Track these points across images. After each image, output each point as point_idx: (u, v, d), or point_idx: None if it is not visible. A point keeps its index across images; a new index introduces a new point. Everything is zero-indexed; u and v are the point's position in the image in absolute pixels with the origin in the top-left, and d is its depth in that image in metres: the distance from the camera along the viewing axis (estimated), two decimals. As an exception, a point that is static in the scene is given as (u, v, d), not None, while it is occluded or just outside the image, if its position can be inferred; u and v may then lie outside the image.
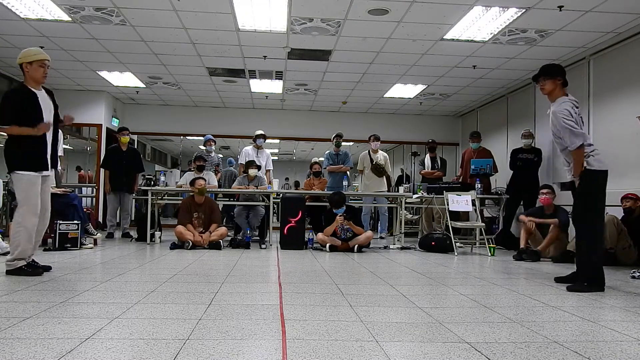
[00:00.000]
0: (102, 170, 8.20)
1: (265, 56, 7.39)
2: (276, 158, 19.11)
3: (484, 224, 6.94)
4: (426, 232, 7.54)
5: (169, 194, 7.48)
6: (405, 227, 7.30)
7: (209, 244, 6.17)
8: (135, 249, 6.08)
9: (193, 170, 7.58)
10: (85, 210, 6.44)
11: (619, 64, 6.28)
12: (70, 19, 6.03)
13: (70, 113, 7.07)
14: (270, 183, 7.38)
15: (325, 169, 8.21)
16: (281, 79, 8.68)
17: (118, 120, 10.49)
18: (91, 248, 5.91)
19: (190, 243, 6.05)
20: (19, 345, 1.96)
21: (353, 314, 2.65)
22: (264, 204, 7.02)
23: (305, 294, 3.23)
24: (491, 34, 6.22)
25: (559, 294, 3.47)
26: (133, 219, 9.08)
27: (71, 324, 2.29)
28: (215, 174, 8.12)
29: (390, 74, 8.24)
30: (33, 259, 3.91)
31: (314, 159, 8.45)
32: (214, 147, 8.59)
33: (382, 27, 6.12)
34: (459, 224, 6.67)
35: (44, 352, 1.87)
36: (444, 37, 6.41)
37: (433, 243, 6.52)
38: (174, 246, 6.11)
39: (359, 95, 9.78)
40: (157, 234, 6.92)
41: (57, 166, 6.50)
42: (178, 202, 7.68)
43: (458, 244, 6.45)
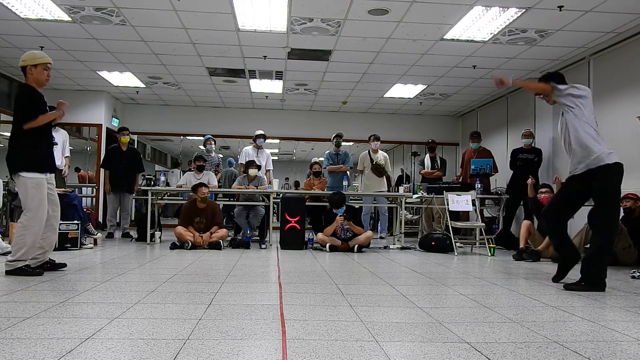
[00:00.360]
0: (102, 170, 8.21)
1: (265, 56, 7.40)
2: (276, 158, 19.10)
3: (484, 224, 6.94)
4: (426, 232, 7.54)
5: (169, 194, 7.48)
6: (405, 227, 7.30)
7: (208, 244, 6.18)
8: (135, 249, 6.08)
9: (193, 171, 7.58)
10: (85, 210, 6.44)
11: (619, 64, 6.28)
12: (70, 19, 6.03)
13: (71, 113, 7.05)
14: (270, 183, 7.38)
15: (325, 169, 8.21)
16: (281, 79, 8.68)
17: (118, 120, 10.49)
18: (91, 248, 5.91)
19: (190, 243, 6.05)
20: (19, 345, 1.96)
21: (353, 314, 2.65)
22: (264, 204, 7.01)
23: (305, 294, 3.23)
24: (491, 34, 6.22)
25: (559, 294, 3.47)
26: (133, 219, 9.09)
27: (71, 324, 2.29)
28: (216, 174, 8.11)
29: (390, 74, 8.25)
30: (50, 258, 4.00)
31: (314, 159, 8.44)
32: (214, 147, 8.59)
33: (382, 27, 6.13)
34: (459, 224, 6.67)
35: (44, 352, 1.87)
36: (444, 37, 6.41)
37: (433, 243, 6.52)
38: (174, 246, 6.10)
39: (359, 95, 9.78)
40: (157, 234, 6.92)
41: (64, 168, 6.54)
42: (178, 202, 7.68)
43: (458, 244, 6.45)
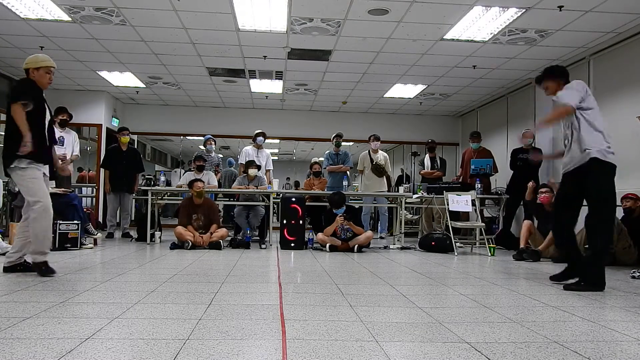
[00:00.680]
0: (102, 170, 8.21)
1: (265, 56, 7.40)
2: (276, 158, 19.10)
3: (484, 224, 6.94)
4: (426, 232, 7.54)
5: (169, 194, 7.48)
6: (405, 227, 7.30)
7: (209, 244, 6.18)
8: (135, 249, 6.08)
9: (193, 171, 7.58)
10: (85, 210, 6.44)
11: (619, 64, 6.28)
12: (70, 19, 6.03)
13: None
14: (270, 183, 7.37)
15: (325, 169, 8.21)
16: (281, 79, 8.68)
17: (118, 120, 10.49)
18: (91, 248, 5.91)
19: (190, 243, 6.05)
20: (19, 345, 1.96)
21: (353, 314, 2.65)
22: (264, 204, 7.01)
23: (305, 294, 3.23)
24: (491, 34, 6.22)
25: (559, 294, 3.47)
26: (133, 219, 9.08)
27: (71, 324, 2.29)
28: (215, 174, 8.11)
29: (390, 74, 8.24)
30: (25, 260, 3.91)
31: (314, 159, 8.44)
32: (214, 147, 8.58)
33: (382, 27, 6.12)
34: (459, 224, 6.67)
35: (44, 352, 1.87)
36: (444, 37, 6.41)
37: (433, 243, 6.52)
38: (174, 246, 6.10)
39: (359, 95, 9.78)
40: (157, 234, 6.92)
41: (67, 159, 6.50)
42: (178, 203, 7.67)
43: (458, 244, 6.45)
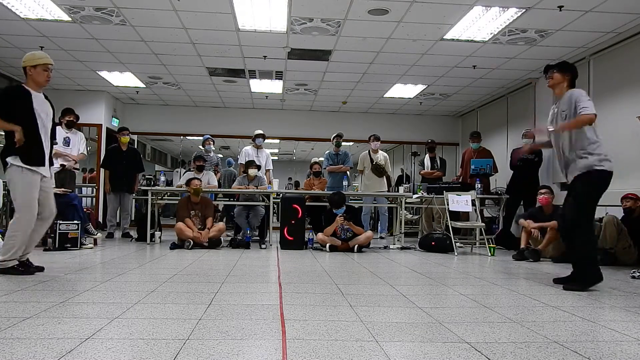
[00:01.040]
0: (102, 170, 8.20)
1: (265, 56, 7.39)
2: (276, 158, 19.10)
3: (484, 224, 6.94)
4: (426, 232, 7.54)
5: (169, 194, 7.48)
6: (405, 227, 7.30)
7: (208, 240, 6.19)
8: (135, 249, 6.08)
9: (193, 171, 7.58)
10: (85, 210, 6.44)
11: (619, 64, 6.28)
12: (70, 19, 6.03)
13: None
14: (270, 183, 7.37)
15: (325, 169, 8.21)
16: (281, 79, 8.68)
17: (118, 120, 10.49)
18: (91, 248, 5.91)
19: (192, 242, 6.06)
20: (19, 345, 1.96)
21: (353, 314, 2.65)
22: (264, 204, 7.01)
23: (305, 294, 3.23)
24: (491, 34, 6.22)
25: (559, 294, 3.47)
26: (133, 219, 9.08)
27: (71, 324, 2.29)
28: (214, 174, 8.11)
29: (390, 74, 8.24)
30: (28, 259, 3.90)
31: (314, 159, 8.43)
32: (212, 147, 8.57)
33: (382, 27, 6.12)
34: (459, 224, 6.67)
35: (44, 352, 1.87)
36: (444, 37, 6.41)
37: (433, 243, 6.52)
38: (174, 246, 6.11)
39: (359, 95, 9.78)
40: (157, 234, 6.92)
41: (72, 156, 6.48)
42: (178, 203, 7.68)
43: (458, 244, 6.45)
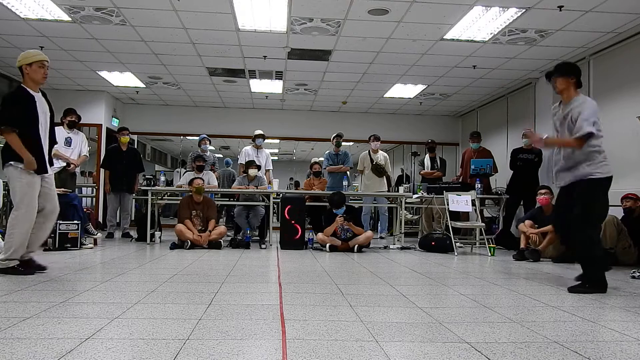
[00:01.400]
0: (102, 170, 8.20)
1: (265, 56, 7.39)
2: (276, 158, 19.09)
3: (484, 224, 6.94)
4: (426, 232, 7.54)
5: (169, 194, 7.48)
6: (405, 227, 7.30)
7: (208, 243, 6.18)
8: (135, 249, 6.08)
9: (193, 171, 7.58)
10: (85, 210, 6.44)
11: (619, 64, 6.28)
12: (70, 19, 6.03)
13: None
14: (270, 183, 7.37)
15: (325, 169, 8.21)
16: (281, 79, 8.68)
17: (118, 120, 10.49)
18: (91, 248, 5.91)
19: (190, 243, 6.05)
20: (19, 345, 1.96)
21: (353, 314, 2.65)
22: (264, 204, 7.02)
23: (305, 294, 3.23)
24: (491, 34, 6.22)
25: (559, 294, 3.47)
26: (133, 219, 9.08)
27: (71, 324, 2.29)
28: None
29: (390, 74, 8.24)
30: (32, 257, 3.90)
31: (314, 159, 8.43)
32: (209, 147, 8.55)
33: (382, 27, 6.12)
34: (459, 224, 6.67)
35: (44, 352, 1.87)
36: (444, 37, 6.41)
37: (433, 243, 6.52)
38: (174, 246, 6.10)
39: (359, 95, 9.78)
40: (157, 234, 6.92)
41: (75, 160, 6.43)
42: (178, 203, 7.67)
43: (458, 244, 6.45)
